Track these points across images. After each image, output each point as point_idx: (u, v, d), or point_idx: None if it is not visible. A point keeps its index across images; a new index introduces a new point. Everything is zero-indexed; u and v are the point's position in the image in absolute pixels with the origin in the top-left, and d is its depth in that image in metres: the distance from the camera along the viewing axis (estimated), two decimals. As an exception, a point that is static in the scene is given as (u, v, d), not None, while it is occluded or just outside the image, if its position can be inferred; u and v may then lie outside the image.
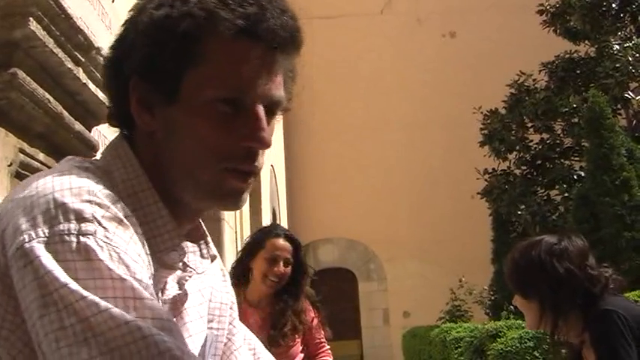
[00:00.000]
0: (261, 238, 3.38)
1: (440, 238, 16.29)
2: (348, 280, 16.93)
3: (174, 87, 0.93)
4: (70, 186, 0.85)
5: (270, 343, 3.20)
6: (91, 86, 3.09)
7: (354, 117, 17.20)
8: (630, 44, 11.54)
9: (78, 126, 3.10)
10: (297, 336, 3.34)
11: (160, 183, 0.96)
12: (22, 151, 2.71)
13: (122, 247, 0.82)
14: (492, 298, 11.48)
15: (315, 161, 17.31)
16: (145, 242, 0.88)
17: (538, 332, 6.12)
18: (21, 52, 2.59)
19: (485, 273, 12.05)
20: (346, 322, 14.78)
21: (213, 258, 1.07)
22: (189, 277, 1.01)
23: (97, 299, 0.77)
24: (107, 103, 1.04)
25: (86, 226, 0.81)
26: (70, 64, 2.87)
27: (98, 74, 3.05)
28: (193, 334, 0.99)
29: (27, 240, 0.80)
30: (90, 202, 0.83)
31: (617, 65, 11.13)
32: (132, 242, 0.84)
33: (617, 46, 11.56)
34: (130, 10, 0.99)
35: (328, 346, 3.51)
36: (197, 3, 0.92)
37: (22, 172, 2.68)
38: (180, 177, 0.95)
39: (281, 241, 3.32)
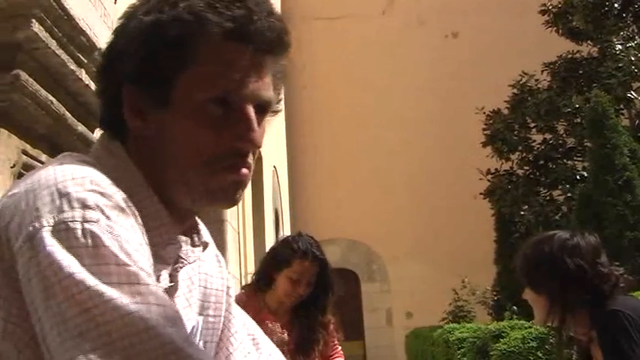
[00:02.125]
0: (289, 256, 3.29)
1: (442, 238, 16.28)
2: (351, 281, 16.91)
3: (165, 92, 0.95)
4: (72, 176, 0.86)
5: (304, 353, 3.25)
6: (94, 87, 3.09)
7: (357, 118, 17.19)
8: (633, 44, 11.54)
9: (80, 127, 3.10)
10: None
11: (153, 185, 0.96)
12: (25, 152, 2.71)
13: (124, 236, 0.83)
14: (495, 298, 11.47)
15: (318, 162, 17.30)
16: (144, 232, 0.89)
17: (541, 333, 6.11)
18: (24, 53, 2.59)
19: (488, 273, 12.04)
20: (349, 323, 14.73)
21: (205, 245, 1.07)
22: (181, 267, 1.01)
23: (101, 289, 0.77)
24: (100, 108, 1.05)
25: (90, 214, 0.82)
26: (72, 66, 2.87)
27: (100, 75, 3.05)
28: None
29: (32, 231, 0.81)
30: (93, 190, 0.84)
31: (620, 65, 11.12)
32: (132, 231, 0.85)
33: (620, 46, 11.56)
34: (120, 18, 1.00)
35: (340, 347, 3.53)
36: (185, 7, 0.93)
37: (25, 174, 2.69)
38: (173, 180, 0.96)
39: (308, 264, 3.26)
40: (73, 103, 3.02)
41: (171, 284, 0.99)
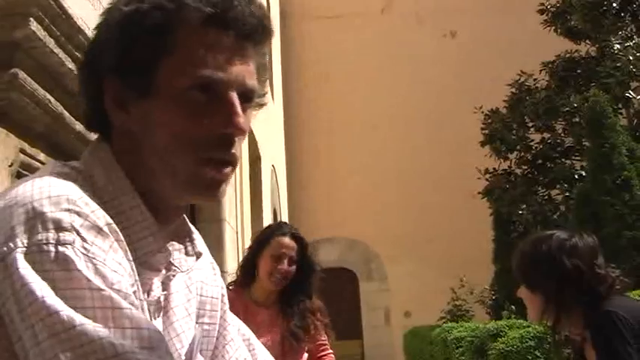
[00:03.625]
0: (267, 235, 3.42)
1: (441, 237, 16.28)
2: (349, 280, 16.92)
3: (147, 80, 0.93)
4: (49, 194, 0.84)
5: (296, 339, 3.25)
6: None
7: (355, 116, 17.20)
8: (631, 44, 11.53)
9: (79, 126, 3.09)
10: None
11: (140, 182, 0.95)
12: (22, 151, 2.71)
13: (100, 257, 0.81)
14: (493, 297, 11.48)
15: (316, 161, 17.31)
16: (127, 249, 0.87)
17: (539, 332, 6.12)
18: (22, 52, 2.59)
19: (486, 272, 12.04)
20: (347, 322, 14.76)
21: (198, 255, 1.06)
22: (173, 276, 1.00)
23: (71, 314, 0.76)
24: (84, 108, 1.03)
25: (64, 236, 0.80)
26: (70, 65, 2.87)
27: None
28: (181, 332, 0.99)
29: (6, 251, 0.79)
30: (69, 210, 0.82)
31: (618, 65, 11.12)
32: (111, 251, 0.83)
33: (618, 46, 11.55)
34: (101, 14, 0.99)
35: (331, 351, 3.53)
36: None
37: (22, 173, 2.68)
38: (159, 171, 0.94)
39: (287, 240, 3.35)
40: (71, 102, 3.02)
41: (164, 292, 0.98)
